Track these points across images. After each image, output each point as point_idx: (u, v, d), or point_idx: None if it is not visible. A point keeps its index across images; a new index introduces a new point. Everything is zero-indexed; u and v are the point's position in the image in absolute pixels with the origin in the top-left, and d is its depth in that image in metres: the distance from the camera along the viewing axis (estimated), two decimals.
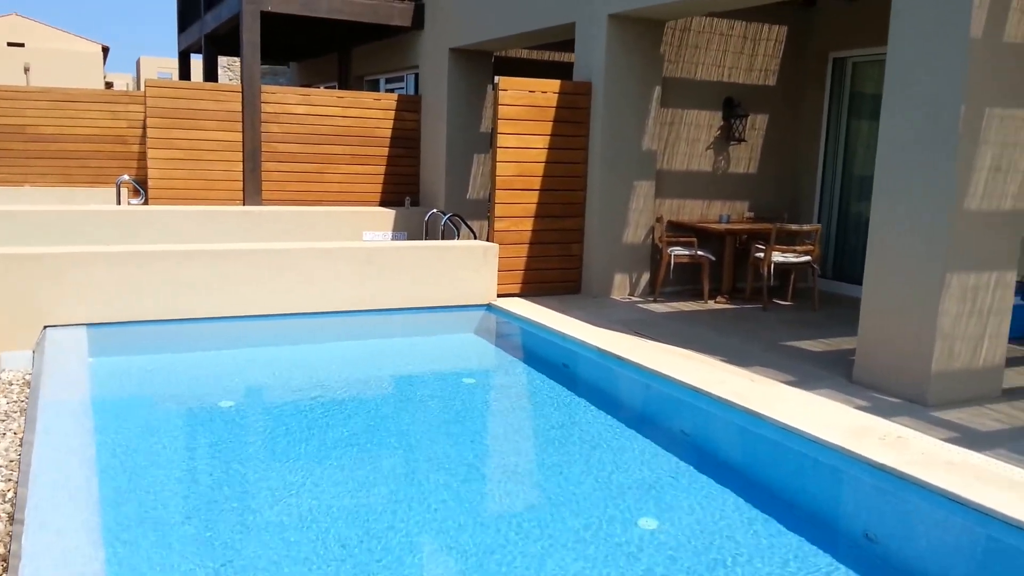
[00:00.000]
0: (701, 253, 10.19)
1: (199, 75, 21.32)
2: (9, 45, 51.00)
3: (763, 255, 9.85)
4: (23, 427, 5.80)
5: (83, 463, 4.72)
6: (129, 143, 15.74)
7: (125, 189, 14.30)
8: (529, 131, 9.95)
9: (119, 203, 14.09)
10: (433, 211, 13.18)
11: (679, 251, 10.17)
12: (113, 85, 62.70)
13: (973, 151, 6.24)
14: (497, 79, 9.88)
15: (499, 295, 9.77)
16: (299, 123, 13.69)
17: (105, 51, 52.97)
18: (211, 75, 17.61)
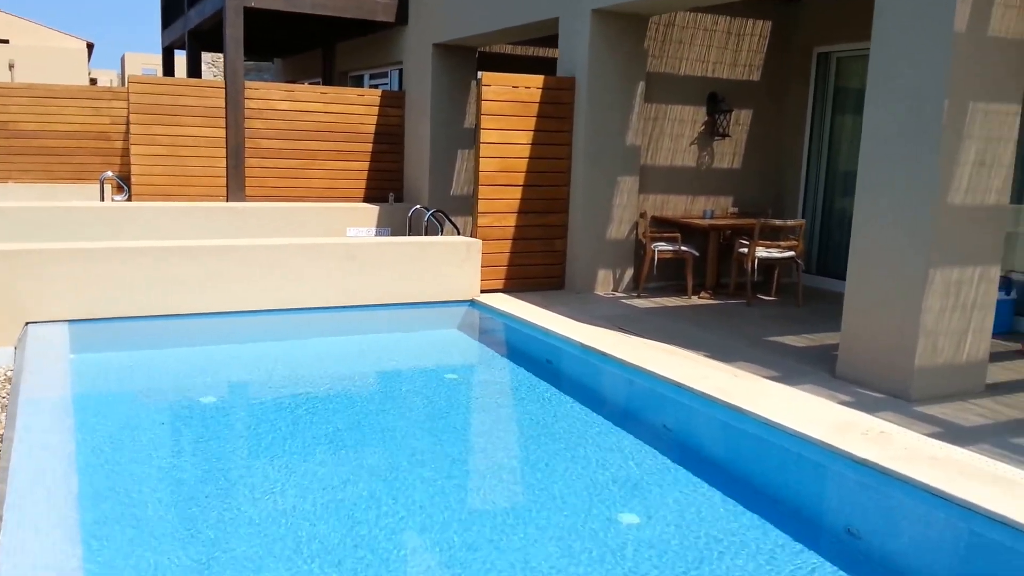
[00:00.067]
0: (685, 249, 10.18)
1: (183, 71, 21.22)
2: None
3: (747, 250, 9.85)
4: (3, 424, 5.75)
5: (62, 460, 4.72)
6: (112, 139, 15.65)
7: (109, 185, 14.24)
8: (512, 126, 9.92)
9: (103, 199, 14.03)
10: (416, 207, 13.14)
11: (663, 247, 10.16)
12: (97, 81, 62.36)
13: (957, 145, 6.24)
14: (480, 74, 9.85)
15: (482, 291, 9.74)
16: (283, 119, 13.62)
17: (90, 48, 52.56)
18: (195, 71, 17.51)
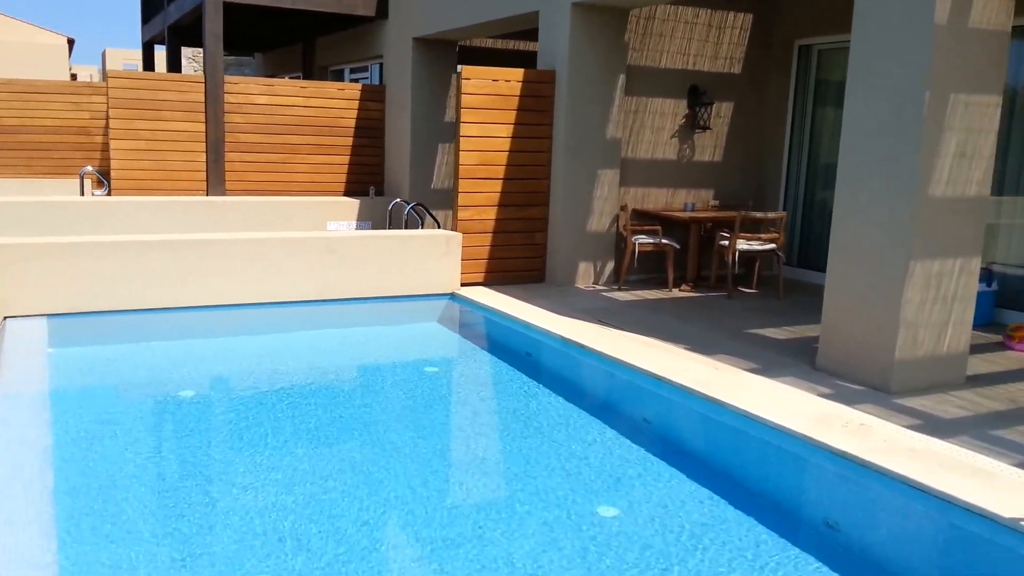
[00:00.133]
0: (666, 241, 10.14)
1: (163, 66, 21.12)
2: None
3: (728, 243, 9.81)
4: None
5: (38, 454, 4.73)
6: (92, 134, 15.57)
7: (89, 180, 14.18)
8: (492, 120, 9.85)
9: (83, 194, 13.96)
10: (396, 200, 13.06)
11: (643, 239, 10.11)
12: (77, 77, 62.00)
13: (938, 137, 6.21)
14: (460, 68, 9.78)
15: (463, 284, 9.67)
16: (262, 113, 13.54)
17: (71, 43, 52.16)
18: (175, 66, 17.45)
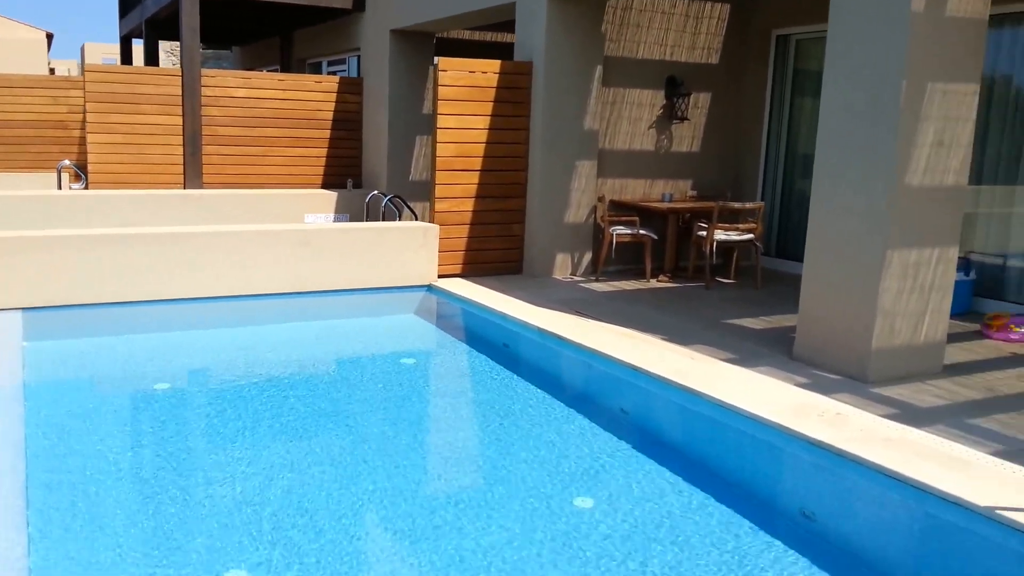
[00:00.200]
0: (643, 232, 10.10)
1: (141, 60, 21.02)
2: None
3: (705, 233, 9.79)
4: None
5: (10, 447, 4.69)
6: (70, 128, 15.45)
7: (66, 174, 14.08)
8: (469, 111, 9.79)
9: (60, 188, 13.84)
10: (374, 192, 12.99)
11: (621, 230, 10.08)
12: (55, 71, 61.57)
13: (915, 126, 6.19)
14: (437, 60, 9.71)
15: (440, 276, 9.61)
16: (240, 106, 13.45)
17: (49, 38, 51.76)
18: (152, 60, 17.35)
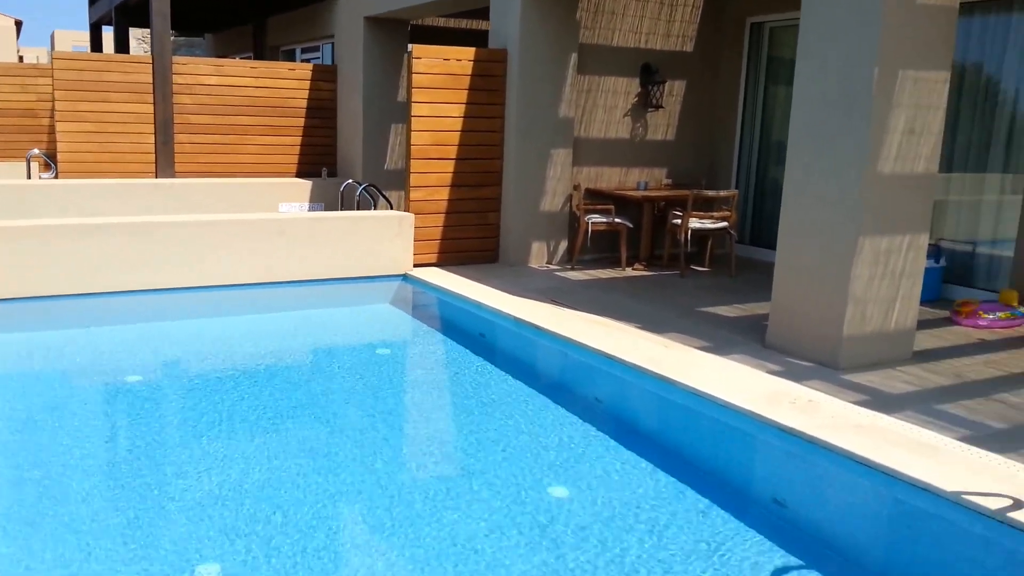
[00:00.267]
0: (619, 220, 10.11)
1: (112, 48, 20.81)
2: None
3: (680, 222, 9.81)
4: None
5: None
6: (39, 116, 15.24)
7: (36, 163, 13.90)
8: (444, 99, 9.75)
9: (29, 177, 13.69)
10: (348, 181, 12.93)
11: (597, 219, 10.08)
12: (24, 59, 60.86)
13: (887, 113, 6.21)
14: (411, 47, 9.66)
15: (415, 265, 9.59)
16: (212, 95, 13.29)
17: (18, 25, 51.20)
18: (122, 47, 17.13)
